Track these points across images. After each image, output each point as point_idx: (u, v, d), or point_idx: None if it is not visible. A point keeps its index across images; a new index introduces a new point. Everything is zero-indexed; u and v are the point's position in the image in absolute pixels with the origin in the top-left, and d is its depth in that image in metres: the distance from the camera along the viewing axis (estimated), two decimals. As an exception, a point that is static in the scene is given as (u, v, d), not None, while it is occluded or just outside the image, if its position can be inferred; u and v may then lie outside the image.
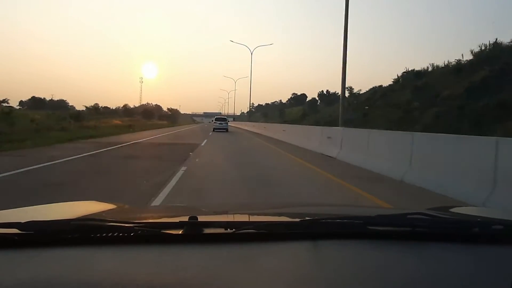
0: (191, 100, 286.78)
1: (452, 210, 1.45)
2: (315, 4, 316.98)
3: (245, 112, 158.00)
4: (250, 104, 62.61)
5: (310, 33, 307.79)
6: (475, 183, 5.14)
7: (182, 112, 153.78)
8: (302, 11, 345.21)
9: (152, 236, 0.94)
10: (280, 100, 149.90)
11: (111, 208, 1.47)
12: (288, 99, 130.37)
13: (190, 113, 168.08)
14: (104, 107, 75.47)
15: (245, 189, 6.05)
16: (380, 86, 40.01)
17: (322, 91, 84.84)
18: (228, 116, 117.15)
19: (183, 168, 7.89)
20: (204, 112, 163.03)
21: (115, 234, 0.93)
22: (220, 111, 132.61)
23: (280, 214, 1.52)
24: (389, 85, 37.39)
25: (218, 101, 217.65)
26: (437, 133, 7.54)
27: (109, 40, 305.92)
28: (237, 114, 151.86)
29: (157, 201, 4.81)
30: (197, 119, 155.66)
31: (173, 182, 6.21)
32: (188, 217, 0.99)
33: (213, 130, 31.31)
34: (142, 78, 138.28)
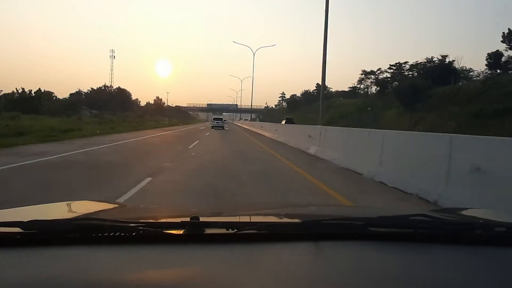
0: (194, 92, 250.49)
1: (454, 211, 1.45)
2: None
3: (274, 105, 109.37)
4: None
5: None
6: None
7: (173, 104, 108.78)
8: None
9: (153, 236, 0.95)
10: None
11: (112, 207, 1.48)
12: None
13: (186, 105, 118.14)
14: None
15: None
16: None
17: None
18: (243, 111, 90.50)
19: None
20: (208, 104, 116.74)
21: (116, 234, 0.93)
22: (236, 103, 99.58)
23: (281, 215, 1.52)
24: None
25: (229, 95, 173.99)
26: None
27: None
28: (259, 108, 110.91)
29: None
30: (201, 114, 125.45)
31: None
32: (189, 217, 0.99)
33: (212, 128, 36.42)
34: (113, 50, 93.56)
